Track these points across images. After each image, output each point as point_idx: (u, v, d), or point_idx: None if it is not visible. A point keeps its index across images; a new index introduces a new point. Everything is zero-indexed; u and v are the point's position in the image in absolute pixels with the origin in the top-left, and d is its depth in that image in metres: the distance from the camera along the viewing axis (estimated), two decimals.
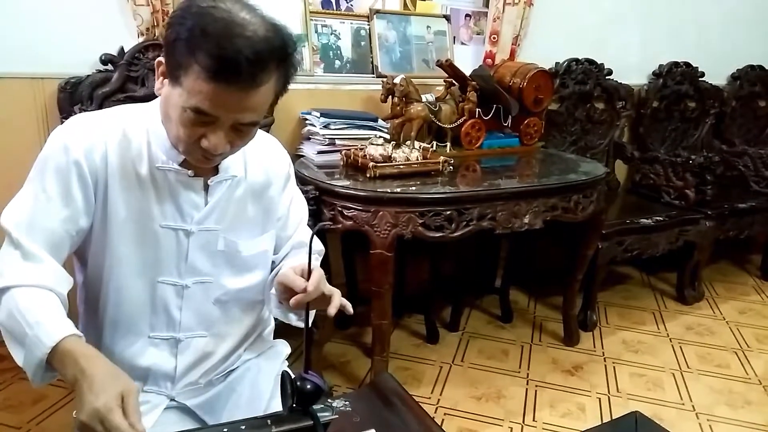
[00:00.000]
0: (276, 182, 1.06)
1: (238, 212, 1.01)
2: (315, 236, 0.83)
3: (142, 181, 0.93)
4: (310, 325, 0.86)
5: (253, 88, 0.80)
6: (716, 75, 3.26)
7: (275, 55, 0.81)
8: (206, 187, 0.97)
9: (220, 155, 0.88)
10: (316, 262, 1.12)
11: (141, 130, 0.93)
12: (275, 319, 1.23)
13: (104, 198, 0.91)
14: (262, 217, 1.05)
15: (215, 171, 0.97)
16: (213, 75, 0.77)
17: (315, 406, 0.81)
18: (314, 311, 1.04)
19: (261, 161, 1.04)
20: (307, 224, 1.17)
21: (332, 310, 0.92)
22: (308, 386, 0.79)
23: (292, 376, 0.82)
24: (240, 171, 1.00)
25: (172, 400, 1.03)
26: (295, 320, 1.03)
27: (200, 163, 0.90)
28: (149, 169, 0.92)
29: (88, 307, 1.01)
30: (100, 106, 1.80)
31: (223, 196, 0.98)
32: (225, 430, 0.78)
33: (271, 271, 1.10)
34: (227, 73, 0.77)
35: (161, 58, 0.85)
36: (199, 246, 0.98)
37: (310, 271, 0.88)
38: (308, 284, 0.87)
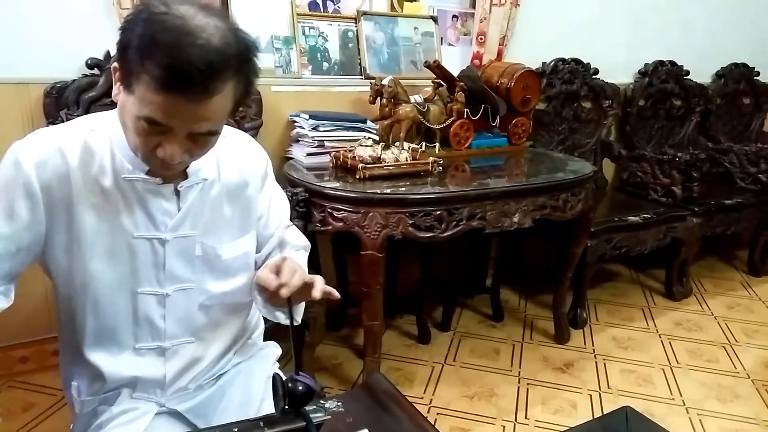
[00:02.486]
0: (253, 181, 1.03)
1: (214, 215, 0.99)
2: (299, 231, 0.82)
3: (108, 193, 0.90)
4: (299, 322, 0.85)
5: (206, 98, 0.76)
6: (701, 73, 3.30)
7: (230, 63, 0.77)
8: (177, 193, 0.94)
9: (179, 164, 0.84)
10: (302, 258, 1.11)
11: (104, 141, 0.90)
12: (265, 321, 1.22)
13: (68, 214, 0.89)
14: (240, 219, 1.03)
15: (184, 176, 0.94)
16: (163, 86, 0.74)
17: (307, 407, 0.81)
18: (302, 306, 1.03)
19: (235, 161, 1.01)
20: (293, 223, 1.15)
21: (317, 294, 0.91)
22: (300, 387, 0.79)
23: (284, 377, 0.82)
24: (212, 173, 0.97)
25: (162, 406, 1.02)
26: (283, 318, 1.01)
27: (160, 171, 0.88)
28: (114, 180, 0.89)
29: (67, 321, 0.98)
30: (87, 111, 1.79)
31: (195, 200, 0.96)
32: None
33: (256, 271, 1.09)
34: (178, 84, 0.74)
35: (116, 64, 0.82)
36: (176, 253, 0.96)
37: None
38: (281, 278, 0.87)
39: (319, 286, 0.91)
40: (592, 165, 2.39)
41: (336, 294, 0.94)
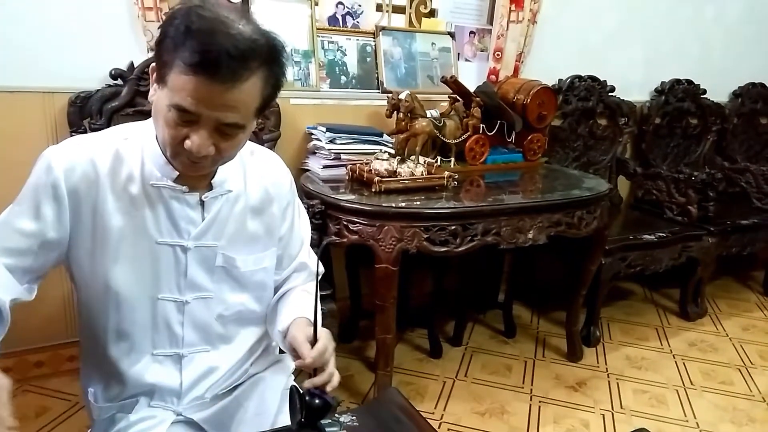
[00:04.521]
0: (278, 200, 1.05)
1: (238, 228, 1.01)
2: (314, 255, 0.82)
3: (135, 199, 0.92)
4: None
5: (234, 84, 0.79)
6: (718, 92, 3.29)
7: (259, 53, 0.80)
8: (203, 204, 0.96)
9: (204, 158, 0.85)
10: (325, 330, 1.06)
11: (135, 149, 0.93)
12: None
13: (94, 219, 0.91)
14: (263, 234, 1.04)
15: (210, 187, 0.96)
16: (193, 69, 0.77)
17: (323, 421, 0.82)
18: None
19: (261, 177, 1.03)
20: (312, 239, 1.17)
21: (327, 387, 0.88)
22: (317, 401, 0.80)
23: (301, 391, 0.82)
24: (238, 185, 0.99)
25: (179, 414, 1.03)
26: None
27: (187, 169, 0.89)
28: (142, 187, 0.92)
29: (88, 325, 0.99)
30: (109, 120, 1.83)
31: (220, 211, 0.98)
32: None
33: (274, 290, 1.10)
34: (207, 66, 0.77)
35: (153, 64, 0.85)
36: (198, 262, 0.98)
37: (315, 339, 0.87)
38: (309, 355, 0.86)
39: (333, 382, 0.89)
40: (608, 182, 2.38)
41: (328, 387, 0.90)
